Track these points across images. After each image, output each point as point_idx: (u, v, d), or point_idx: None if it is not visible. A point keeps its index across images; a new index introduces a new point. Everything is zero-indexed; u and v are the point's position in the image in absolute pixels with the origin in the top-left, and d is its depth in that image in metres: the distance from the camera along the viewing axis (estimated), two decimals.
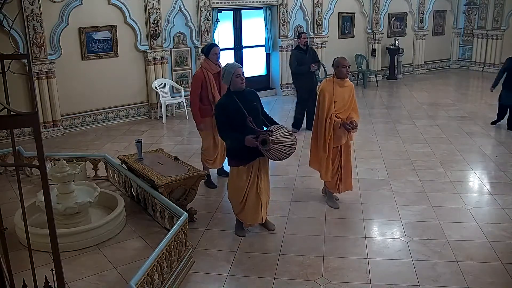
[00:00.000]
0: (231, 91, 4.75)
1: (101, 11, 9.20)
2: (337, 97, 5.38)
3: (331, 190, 5.75)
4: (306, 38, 8.65)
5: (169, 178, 5.25)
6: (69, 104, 9.10)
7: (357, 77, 13.28)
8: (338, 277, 4.28)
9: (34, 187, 6.18)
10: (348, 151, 5.65)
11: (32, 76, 8.35)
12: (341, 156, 5.56)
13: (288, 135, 4.66)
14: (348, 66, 5.41)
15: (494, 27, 14.38)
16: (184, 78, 10.47)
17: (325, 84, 5.47)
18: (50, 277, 3.21)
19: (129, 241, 4.94)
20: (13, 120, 1.64)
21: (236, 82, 4.70)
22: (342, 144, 5.51)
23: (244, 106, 4.64)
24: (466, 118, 9.72)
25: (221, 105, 4.75)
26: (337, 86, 5.39)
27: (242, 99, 4.68)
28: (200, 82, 5.95)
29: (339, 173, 5.60)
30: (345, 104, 5.44)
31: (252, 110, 4.72)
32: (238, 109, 4.62)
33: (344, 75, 5.41)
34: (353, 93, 5.55)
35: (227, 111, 4.66)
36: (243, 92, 4.75)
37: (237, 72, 4.68)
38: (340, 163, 5.57)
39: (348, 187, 5.74)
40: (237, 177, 4.85)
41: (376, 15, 13.39)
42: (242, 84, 4.72)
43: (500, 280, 4.26)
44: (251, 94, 4.87)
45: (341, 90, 5.42)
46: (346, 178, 5.65)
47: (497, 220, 5.36)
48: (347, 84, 5.50)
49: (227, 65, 4.83)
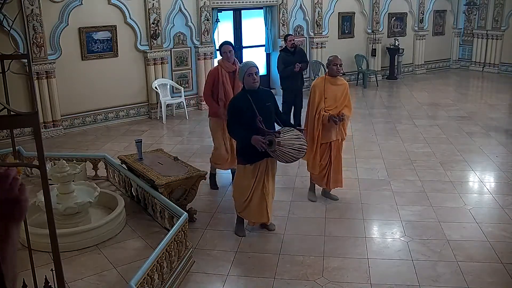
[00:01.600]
0: (246, 89, 4.77)
1: (101, 11, 9.20)
2: (328, 94, 5.47)
3: (318, 184, 5.87)
4: (293, 40, 8.62)
5: (169, 178, 5.25)
6: (69, 104, 9.10)
7: (357, 77, 13.29)
8: (338, 277, 4.28)
9: (34, 187, 6.17)
10: (339, 149, 5.69)
11: (32, 76, 8.32)
12: (331, 152, 5.62)
13: (297, 139, 4.64)
14: (339, 64, 5.49)
15: (494, 27, 14.38)
16: (184, 78, 10.47)
17: (317, 81, 5.63)
18: (50, 277, 3.21)
19: (129, 241, 4.94)
20: (13, 120, 1.64)
21: (248, 80, 4.71)
22: (332, 141, 5.57)
23: (256, 105, 4.64)
24: (466, 118, 9.72)
25: (234, 102, 4.80)
26: (328, 84, 5.50)
27: (256, 98, 4.68)
28: (212, 79, 5.99)
29: (328, 168, 5.67)
30: (337, 102, 5.51)
31: (264, 110, 4.71)
32: (249, 107, 4.63)
33: (335, 72, 5.50)
34: (346, 91, 5.62)
35: (238, 108, 4.68)
36: (257, 91, 4.76)
37: (249, 71, 4.69)
38: (329, 159, 5.63)
39: (338, 184, 5.80)
40: (244, 175, 4.85)
41: (376, 15, 13.39)
42: (254, 83, 4.72)
43: (500, 280, 4.26)
44: (265, 94, 4.90)
45: (333, 88, 5.51)
46: (335, 176, 5.72)
47: (497, 220, 5.36)
48: (340, 82, 5.59)
49: (243, 63, 4.90)
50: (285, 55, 8.52)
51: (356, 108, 10.61)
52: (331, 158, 5.63)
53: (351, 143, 8.08)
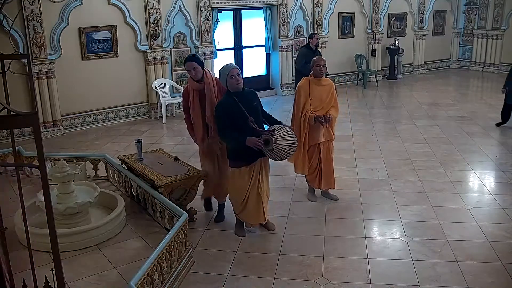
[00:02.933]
0: (230, 92, 4.72)
1: (101, 11, 9.20)
2: (313, 95, 5.48)
3: (311, 185, 5.87)
4: (318, 39, 8.79)
5: (169, 178, 5.25)
6: (69, 104, 9.10)
7: (357, 77, 13.29)
8: (338, 277, 4.28)
9: (34, 187, 6.17)
10: (328, 150, 5.69)
11: (32, 76, 8.35)
12: (320, 154, 5.62)
13: (289, 134, 4.67)
14: (322, 65, 5.51)
15: (494, 27, 14.38)
16: (184, 78, 10.46)
17: (302, 82, 5.62)
18: (50, 277, 3.20)
19: (129, 241, 4.94)
20: (13, 120, 1.64)
21: (231, 83, 4.66)
22: (320, 143, 5.58)
23: (244, 106, 4.63)
24: (466, 118, 9.72)
25: (222, 105, 4.72)
26: (313, 85, 5.52)
27: (242, 100, 4.66)
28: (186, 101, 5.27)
29: (318, 170, 5.69)
30: (323, 102, 5.53)
31: (253, 110, 4.71)
32: (239, 110, 4.60)
33: (318, 73, 5.51)
34: (332, 91, 5.64)
35: (228, 111, 4.63)
36: (242, 92, 4.72)
37: (231, 73, 4.64)
38: (319, 161, 5.64)
39: (331, 185, 5.82)
40: (239, 177, 4.84)
41: (376, 15, 13.39)
42: (238, 84, 4.66)
43: (500, 280, 4.26)
44: (250, 94, 4.85)
45: (318, 89, 5.52)
46: (327, 177, 5.73)
47: (497, 220, 5.36)
48: (325, 83, 5.61)
49: (222, 67, 4.78)
50: (308, 51, 8.72)
51: (356, 108, 10.64)
52: (321, 160, 5.63)
53: (351, 143, 8.09)
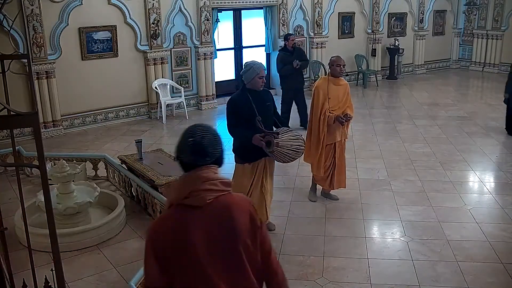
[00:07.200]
0: (247, 88, 4.66)
1: (101, 11, 9.20)
2: (331, 94, 5.48)
3: (321, 184, 5.87)
4: (294, 40, 8.68)
5: (169, 178, 5.25)
6: (69, 104, 9.10)
7: (357, 77, 13.28)
8: (338, 277, 4.28)
9: (34, 187, 6.17)
10: (342, 149, 5.72)
11: (32, 76, 8.33)
12: (334, 153, 5.63)
13: (295, 139, 4.64)
14: (342, 65, 5.51)
15: (494, 27, 14.38)
16: (184, 78, 10.47)
17: (320, 82, 5.62)
18: (50, 277, 3.21)
19: (129, 241, 4.94)
20: (13, 120, 1.65)
21: (257, 82, 4.61)
22: (336, 142, 5.59)
23: (256, 105, 4.60)
24: (466, 118, 9.72)
25: (233, 101, 4.69)
26: (331, 84, 5.51)
27: (256, 98, 4.62)
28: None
29: (332, 169, 5.68)
30: (340, 102, 5.54)
31: (264, 110, 4.67)
32: (249, 107, 4.57)
33: (338, 73, 5.51)
34: (347, 91, 5.64)
35: (238, 107, 4.61)
36: (258, 91, 4.68)
37: (261, 74, 4.59)
38: (333, 160, 5.65)
39: (342, 184, 5.81)
40: (242, 175, 4.82)
41: (376, 15, 13.39)
42: (261, 86, 4.66)
43: (500, 280, 4.26)
44: (265, 94, 4.81)
45: (336, 88, 5.52)
46: (339, 176, 5.73)
47: (497, 220, 5.36)
48: (342, 83, 5.61)
49: (253, 63, 4.66)
50: (284, 54, 8.58)
51: (356, 108, 10.55)
52: (335, 159, 5.64)
53: (351, 143, 8.07)
